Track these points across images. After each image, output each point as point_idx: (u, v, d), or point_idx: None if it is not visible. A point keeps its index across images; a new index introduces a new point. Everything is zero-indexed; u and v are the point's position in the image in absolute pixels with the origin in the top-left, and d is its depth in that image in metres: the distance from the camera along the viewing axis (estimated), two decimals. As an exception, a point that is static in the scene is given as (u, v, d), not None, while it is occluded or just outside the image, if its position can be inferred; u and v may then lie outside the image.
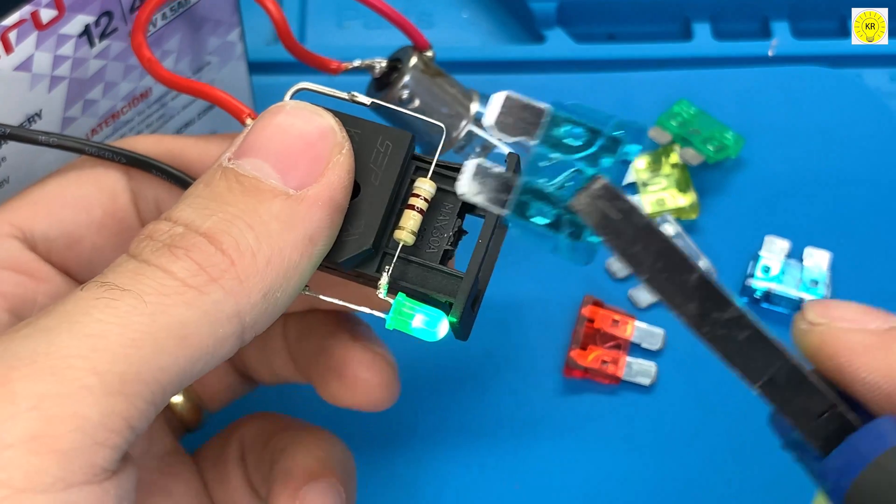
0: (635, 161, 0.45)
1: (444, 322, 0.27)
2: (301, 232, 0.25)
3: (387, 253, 0.27)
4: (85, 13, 0.31)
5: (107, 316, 0.23)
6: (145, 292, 0.23)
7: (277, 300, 0.25)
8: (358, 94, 0.28)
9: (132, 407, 0.22)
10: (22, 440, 0.21)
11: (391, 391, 0.32)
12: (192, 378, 0.24)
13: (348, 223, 0.27)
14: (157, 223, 0.25)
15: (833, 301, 0.25)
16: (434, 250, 0.27)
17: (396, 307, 0.26)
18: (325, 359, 0.32)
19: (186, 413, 0.35)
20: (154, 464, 0.32)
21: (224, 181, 0.25)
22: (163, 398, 0.23)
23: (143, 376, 0.22)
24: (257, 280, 0.24)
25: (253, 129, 0.26)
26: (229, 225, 0.24)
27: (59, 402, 0.22)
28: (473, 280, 0.26)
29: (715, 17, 0.52)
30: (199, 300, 0.23)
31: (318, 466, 0.31)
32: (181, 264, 0.24)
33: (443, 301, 0.27)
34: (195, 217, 0.25)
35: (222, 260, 0.24)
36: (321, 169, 0.25)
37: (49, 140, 0.30)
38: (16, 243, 0.30)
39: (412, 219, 0.27)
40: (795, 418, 0.24)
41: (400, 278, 0.27)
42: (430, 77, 0.36)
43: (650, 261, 0.23)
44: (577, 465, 0.39)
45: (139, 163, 0.31)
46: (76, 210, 0.30)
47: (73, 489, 0.21)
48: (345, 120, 0.27)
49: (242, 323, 0.24)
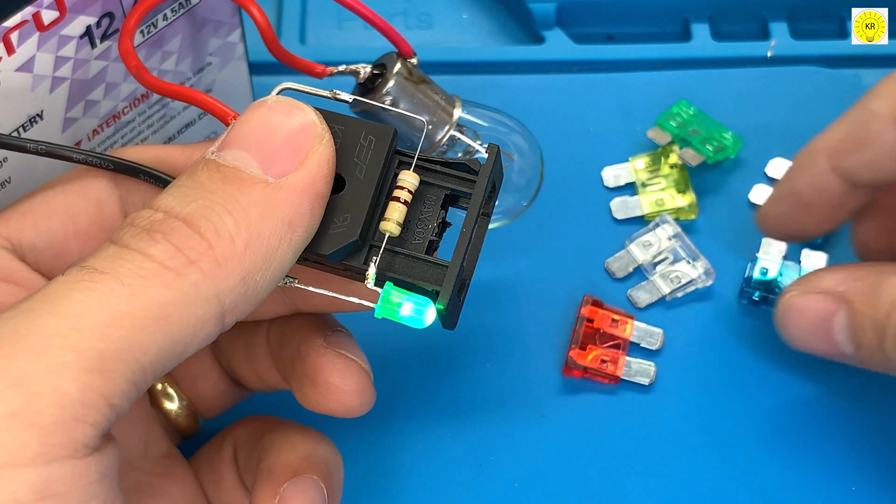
0: (634, 161, 0.46)
1: (431, 309, 0.27)
2: (280, 218, 0.25)
3: (373, 245, 0.28)
4: (86, 14, 0.32)
5: (86, 297, 0.23)
6: (124, 274, 0.24)
7: (257, 284, 0.25)
8: (340, 91, 0.29)
9: (111, 384, 0.23)
10: (3, 416, 0.22)
11: (364, 398, 0.32)
12: (174, 360, 0.24)
13: (334, 216, 0.27)
14: (139, 211, 0.26)
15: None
16: (419, 241, 0.28)
17: (384, 296, 0.27)
18: (300, 365, 0.32)
19: (182, 420, 0.35)
20: (151, 467, 0.33)
21: (206, 171, 0.26)
22: (143, 378, 0.24)
23: (122, 354, 0.23)
24: (236, 263, 0.25)
25: (236, 123, 0.27)
26: (208, 210, 0.25)
27: (38, 379, 0.22)
28: (459, 268, 0.27)
29: (714, 18, 0.52)
30: (178, 281, 0.24)
31: (300, 463, 0.32)
32: (159, 247, 0.24)
33: (429, 290, 0.27)
34: (175, 204, 0.25)
35: (200, 243, 0.24)
36: (301, 158, 0.26)
37: (38, 148, 0.30)
38: (4, 253, 0.30)
39: (397, 210, 0.27)
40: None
41: (387, 269, 0.28)
42: (413, 84, 0.37)
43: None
44: (576, 464, 0.39)
45: (127, 169, 0.31)
46: (62, 220, 0.31)
47: (54, 463, 0.22)
48: (328, 116, 0.28)
49: (222, 305, 0.25)
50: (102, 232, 0.31)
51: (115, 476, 0.24)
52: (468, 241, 0.27)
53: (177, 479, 0.33)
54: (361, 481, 0.38)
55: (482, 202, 0.28)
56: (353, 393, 0.31)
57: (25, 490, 0.22)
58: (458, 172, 0.28)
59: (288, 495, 0.31)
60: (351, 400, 0.32)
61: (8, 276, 0.30)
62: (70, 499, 0.22)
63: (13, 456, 0.22)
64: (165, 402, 0.35)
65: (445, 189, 0.28)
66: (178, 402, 0.35)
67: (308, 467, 0.32)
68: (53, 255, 0.31)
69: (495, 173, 0.28)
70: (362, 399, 0.32)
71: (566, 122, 0.47)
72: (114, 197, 0.31)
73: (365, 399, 0.32)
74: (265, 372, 0.34)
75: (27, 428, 0.22)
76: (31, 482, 0.22)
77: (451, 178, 0.28)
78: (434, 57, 0.47)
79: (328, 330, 0.33)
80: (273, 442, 0.33)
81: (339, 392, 0.31)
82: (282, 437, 0.33)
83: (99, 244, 0.31)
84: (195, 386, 0.36)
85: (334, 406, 0.32)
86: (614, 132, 0.47)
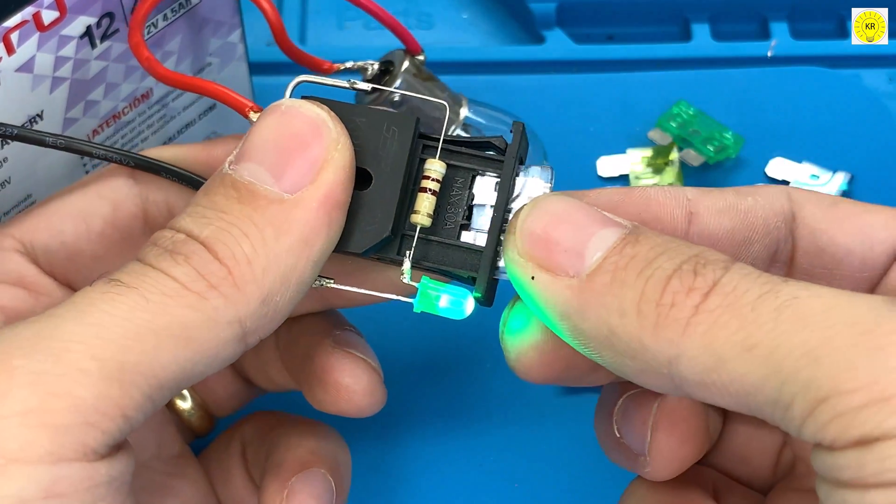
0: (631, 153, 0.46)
1: (469, 300, 0.27)
2: (296, 236, 0.25)
3: (405, 234, 0.28)
4: (86, 14, 0.32)
5: (111, 308, 0.23)
6: (149, 291, 0.24)
7: (277, 304, 0.25)
8: (357, 81, 0.29)
9: (127, 396, 0.23)
10: (17, 413, 0.22)
11: (374, 398, 0.32)
12: (193, 379, 0.25)
13: (365, 212, 0.27)
14: (162, 231, 0.26)
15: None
16: (451, 226, 0.28)
17: (422, 290, 0.27)
18: (309, 365, 0.32)
19: (196, 420, 0.35)
20: (163, 467, 0.33)
21: (222, 188, 0.26)
22: (160, 394, 0.24)
23: (141, 368, 0.23)
24: (255, 287, 0.25)
25: (250, 131, 0.27)
26: (225, 234, 0.25)
27: (55, 381, 0.22)
28: (493, 252, 0.27)
29: (714, 18, 0.52)
30: (201, 304, 0.24)
31: (308, 457, 0.32)
32: (181, 269, 0.24)
33: (465, 276, 0.28)
34: (193, 226, 0.25)
35: (219, 268, 0.25)
36: (316, 169, 0.26)
37: (56, 142, 0.30)
38: (18, 257, 0.30)
39: (427, 201, 0.27)
40: None
41: (421, 258, 0.28)
42: (420, 81, 0.37)
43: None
44: (577, 463, 0.39)
45: (147, 165, 0.31)
46: (76, 222, 0.31)
47: (62, 464, 0.22)
48: (348, 110, 0.27)
49: (244, 328, 0.25)
50: (117, 233, 0.31)
51: (127, 481, 0.24)
52: (500, 224, 0.27)
53: (187, 478, 0.33)
54: (363, 481, 0.38)
55: (512, 182, 0.27)
56: (363, 392, 0.31)
57: (32, 487, 0.22)
58: (483, 153, 0.28)
59: (296, 490, 0.31)
60: (361, 400, 0.31)
61: (19, 280, 0.30)
62: (75, 499, 0.22)
63: (24, 453, 0.22)
64: (178, 402, 0.35)
65: (473, 171, 0.28)
66: (190, 402, 0.35)
67: (316, 461, 0.32)
68: (66, 257, 0.31)
69: (522, 151, 0.28)
70: (372, 399, 0.32)
71: (566, 123, 0.47)
72: (132, 197, 0.31)
73: (375, 398, 0.32)
74: (275, 373, 0.34)
75: (39, 427, 0.22)
76: (38, 480, 0.22)
77: (477, 160, 0.28)
78: (434, 57, 0.47)
79: (337, 329, 0.32)
80: (281, 437, 0.33)
81: (349, 392, 0.31)
82: (289, 431, 0.33)
83: (114, 246, 0.31)
84: (207, 386, 0.36)
85: (344, 406, 0.31)
86: (614, 132, 0.47)
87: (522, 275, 0.25)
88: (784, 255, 0.28)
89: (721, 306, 0.22)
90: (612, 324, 0.24)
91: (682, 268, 0.23)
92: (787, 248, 0.28)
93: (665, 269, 0.23)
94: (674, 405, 0.28)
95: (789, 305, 0.22)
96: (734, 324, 0.22)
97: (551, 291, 0.25)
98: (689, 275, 0.23)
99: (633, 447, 0.29)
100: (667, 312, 0.23)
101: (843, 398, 0.20)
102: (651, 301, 0.23)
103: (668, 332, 0.23)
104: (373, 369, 0.32)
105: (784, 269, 0.28)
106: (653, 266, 0.24)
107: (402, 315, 0.42)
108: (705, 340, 0.22)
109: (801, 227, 0.28)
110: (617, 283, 0.24)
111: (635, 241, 0.24)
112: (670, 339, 0.23)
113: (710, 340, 0.22)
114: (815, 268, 0.28)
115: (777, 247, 0.28)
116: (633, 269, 0.24)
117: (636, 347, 0.23)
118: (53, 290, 0.30)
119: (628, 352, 0.24)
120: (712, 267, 0.23)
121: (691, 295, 0.23)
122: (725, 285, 0.23)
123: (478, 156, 0.28)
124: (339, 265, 0.28)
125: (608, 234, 0.25)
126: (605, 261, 0.24)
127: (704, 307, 0.23)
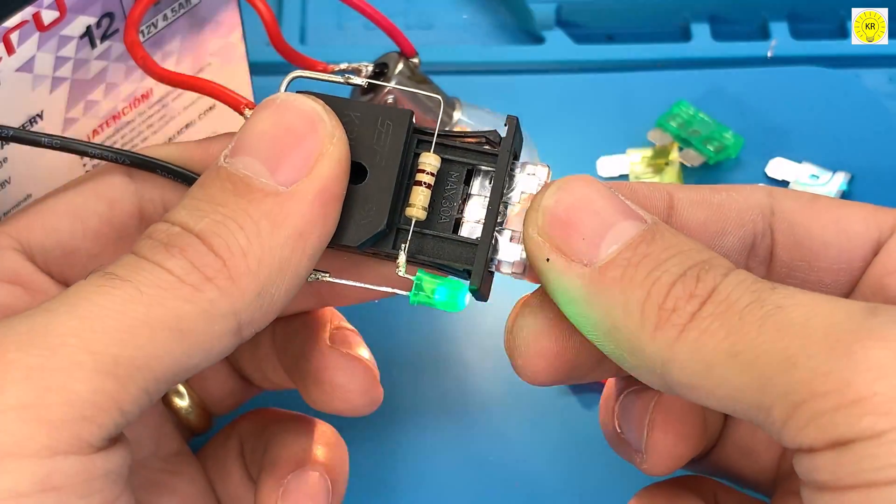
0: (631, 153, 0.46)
1: (465, 293, 0.27)
2: (292, 228, 0.25)
3: (400, 229, 0.28)
4: (86, 14, 0.32)
5: (106, 302, 0.23)
6: (144, 283, 0.24)
7: (273, 297, 0.25)
8: (353, 76, 0.29)
9: (122, 389, 0.23)
10: (12, 407, 0.22)
11: (370, 397, 0.32)
12: (189, 372, 0.25)
13: (360, 206, 0.27)
14: (157, 224, 0.26)
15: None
16: (446, 220, 0.28)
17: (417, 284, 0.27)
18: (305, 364, 0.32)
19: (194, 418, 0.35)
20: (161, 465, 0.33)
21: (217, 181, 0.26)
22: (156, 387, 0.24)
23: (136, 362, 0.23)
24: (250, 280, 0.25)
25: (245, 125, 0.27)
26: (220, 226, 0.25)
27: (50, 375, 0.22)
28: (488, 246, 0.27)
29: (714, 19, 0.52)
30: (196, 297, 0.24)
31: (304, 455, 0.32)
32: (176, 262, 0.24)
33: (461, 269, 0.27)
34: (189, 219, 0.25)
35: (215, 260, 0.24)
36: (311, 162, 0.26)
37: (52, 142, 0.30)
38: (14, 255, 0.30)
39: (421, 194, 0.27)
40: None
41: (417, 252, 0.28)
42: (415, 83, 0.37)
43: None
44: (577, 463, 0.39)
45: (144, 163, 0.31)
46: (72, 220, 0.31)
47: (58, 457, 0.22)
48: (343, 104, 0.27)
49: (239, 320, 0.25)
50: (113, 231, 0.31)
51: (123, 474, 0.24)
52: (494, 217, 0.27)
53: (186, 476, 0.33)
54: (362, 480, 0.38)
55: (506, 176, 0.28)
56: (358, 392, 0.31)
57: (27, 481, 0.22)
58: (478, 147, 0.28)
59: (291, 488, 0.31)
60: (356, 399, 0.31)
61: (15, 278, 0.30)
62: (71, 493, 0.22)
63: (19, 447, 0.22)
64: (176, 400, 0.35)
65: (467, 165, 0.28)
66: (188, 400, 0.35)
67: (311, 459, 0.32)
68: (62, 256, 0.31)
69: (516, 144, 0.28)
70: (368, 398, 0.32)
71: (566, 123, 0.47)
72: (128, 194, 0.31)
73: (371, 398, 0.32)
74: (271, 371, 0.34)
75: (35, 421, 0.22)
76: (33, 473, 0.22)
77: (471, 154, 0.28)
78: (434, 57, 0.47)
79: (333, 328, 0.32)
80: (277, 434, 0.33)
81: (344, 391, 0.31)
82: (286, 429, 0.33)
83: (110, 243, 0.31)
84: (204, 383, 0.36)
85: (339, 405, 0.31)
86: (614, 132, 0.47)
87: (538, 255, 0.26)
88: (764, 248, 0.28)
89: (713, 314, 0.23)
90: (617, 318, 0.24)
91: (687, 273, 0.24)
92: (766, 242, 0.28)
93: (672, 272, 0.24)
94: (671, 403, 0.28)
95: (772, 315, 0.22)
96: (722, 332, 0.23)
97: (564, 276, 0.25)
98: (692, 280, 0.24)
99: (631, 443, 0.29)
100: (667, 317, 0.23)
101: (818, 401, 0.21)
102: (655, 303, 0.24)
103: (665, 337, 0.23)
104: (368, 368, 0.32)
105: (765, 262, 0.29)
106: (662, 268, 0.24)
107: (401, 313, 0.42)
108: (695, 346, 0.23)
109: (780, 222, 0.28)
110: (626, 280, 0.24)
111: (651, 240, 0.25)
112: (666, 344, 0.23)
113: (700, 347, 0.23)
114: (795, 260, 0.28)
115: (754, 240, 0.28)
116: (643, 268, 0.24)
117: (635, 345, 0.24)
118: (50, 288, 0.30)
119: (628, 347, 0.24)
120: (713, 274, 0.24)
121: (691, 301, 0.23)
122: (720, 293, 0.23)
123: (472, 150, 0.28)
124: (334, 262, 0.28)
125: (627, 226, 0.25)
126: (618, 255, 0.24)
127: (700, 314, 0.23)
